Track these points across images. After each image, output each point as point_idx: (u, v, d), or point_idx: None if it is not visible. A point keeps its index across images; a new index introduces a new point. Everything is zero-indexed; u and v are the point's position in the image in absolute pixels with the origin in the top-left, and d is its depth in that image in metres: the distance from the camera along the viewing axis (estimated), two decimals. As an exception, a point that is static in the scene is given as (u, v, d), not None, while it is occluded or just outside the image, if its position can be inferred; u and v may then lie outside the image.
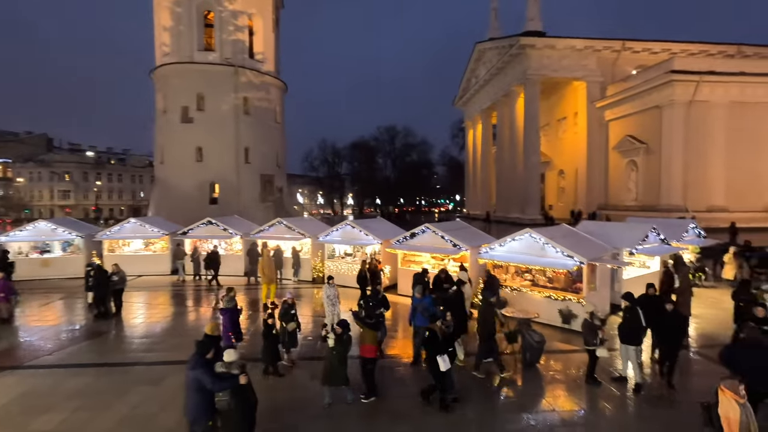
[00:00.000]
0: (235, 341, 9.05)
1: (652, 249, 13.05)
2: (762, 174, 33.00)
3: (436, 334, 7.14)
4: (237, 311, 9.41)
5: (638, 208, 34.00)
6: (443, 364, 6.82)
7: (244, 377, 5.45)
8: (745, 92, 32.43)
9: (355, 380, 7.69)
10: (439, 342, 7.04)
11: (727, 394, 4.66)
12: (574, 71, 40.08)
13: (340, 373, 7.22)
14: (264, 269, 13.65)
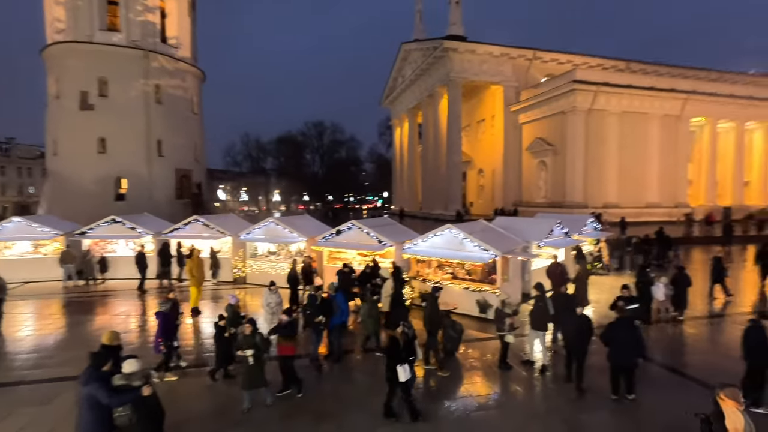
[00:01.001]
0: (165, 349, 8.33)
1: (557, 241, 14.37)
2: (645, 175, 37.89)
3: (396, 341, 6.59)
4: (173, 315, 8.68)
5: (547, 204, 37.19)
6: (403, 374, 6.37)
7: (147, 388, 4.99)
8: (633, 103, 36.91)
9: (276, 381, 7.48)
10: (399, 350, 6.51)
11: (729, 403, 4.34)
12: (493, 76, 42.66)
13: (258, 375, 6.97)
14: (192, 271, 12.65)
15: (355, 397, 7.61)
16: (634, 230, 25.09)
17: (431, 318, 8.60)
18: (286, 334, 7.48)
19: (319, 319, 8.71)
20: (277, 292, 9.98)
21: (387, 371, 6.61)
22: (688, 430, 6.23)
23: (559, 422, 6.68)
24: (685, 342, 10.43)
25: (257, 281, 16.15)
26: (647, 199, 37.54)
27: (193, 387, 8.04)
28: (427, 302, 8.89)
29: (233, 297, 9.15)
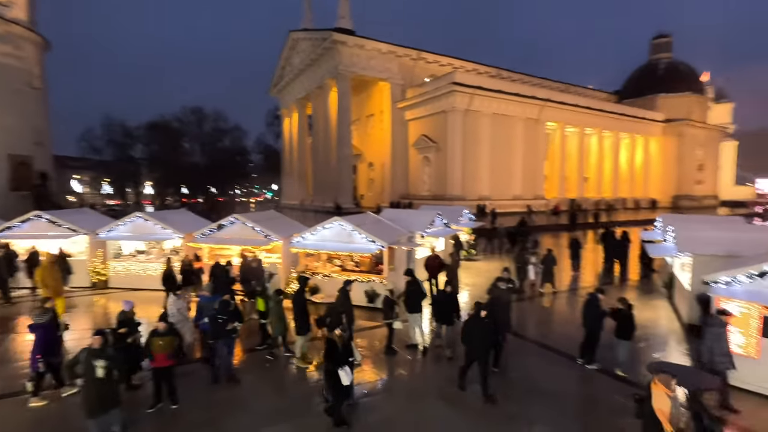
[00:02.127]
0: (45, 366, 7.01)
1: (438, 231, 15.47)
2: (512, 171, 42.85)
3: (334, 343, 6.24)
4: (53, 328, 7.26)
5: (431, 197, 39.77)
6: (346, 378, 6.08)
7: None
8: (502, 106, 41.26)
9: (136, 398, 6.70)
10: (339, 353, 6.18)
11: (659, 388, 4.75)
12: (380, 72, 43.83)
13: (109, 396, 5.73)
14: (45, 279, 10.41)
15: (240, 401, 7.19)
16: (505, 220, 28.37)
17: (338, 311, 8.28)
18: (165, 343, 6.71)
19: (233, 326, 7.77)
20: (183, 297, 8.94)
21: (326, 377, 6.21)
22: (545, 394, 7.32)
23: (437, 398, 7.21)
24: (547, 314, 12.12)
25: (123, 285, 14.23)
26: (513, 192, 42.59)
27: (46, 408, 6.75)
28: (339, 295, 8.70)
29: (127, 303, 7.91)
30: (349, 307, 8.53)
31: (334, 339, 6.29)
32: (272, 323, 8.72)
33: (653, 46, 64.65)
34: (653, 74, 61.53)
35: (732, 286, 7.25)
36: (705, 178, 60.45)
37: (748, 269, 7.11)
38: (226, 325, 7.66)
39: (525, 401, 7.06)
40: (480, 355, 7.02)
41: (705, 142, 60.18)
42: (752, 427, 6.24)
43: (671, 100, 58.53)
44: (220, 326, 7.63)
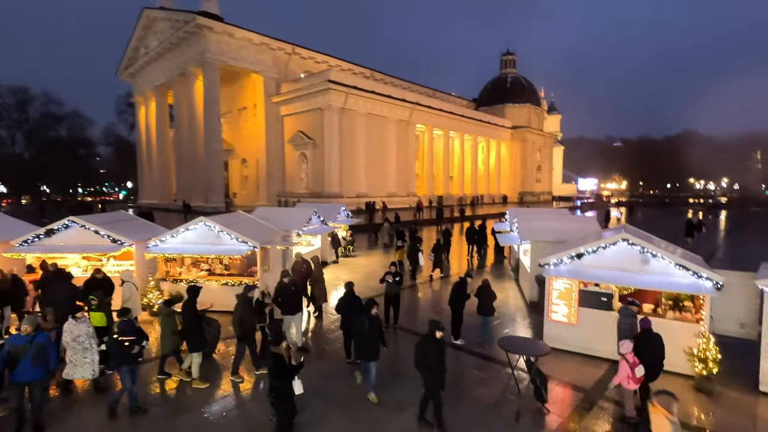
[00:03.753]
0: None
1: (315, 229, 15.35)
2: (386, 169, 44.85)
3: (282, 358, 5.66)
4: None
5: (309, 195, 39.32)
6: (299, 387, 5.70)
7: None
8: (376, 107, 42.79)
9: None
10: (288, 367, 5.64)
11: (659, 410, 4.40)
12: (253, 64, 41.62)
13: None
14: None
15: None
16: (380, 216, 29.50)
17: (242, 321, 7.70)
18: None
19: (140, 348, 6.54)
20: (86, 321, 6.92)
21: (272, 394, 5.65)
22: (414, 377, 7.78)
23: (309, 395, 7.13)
24: (424, 301, 12.93)
25: None
26: (389, 190, 44.66)
27: None
28: (238, 303, 7.88)
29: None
30: (249, 316, 7.87)
31: (280, 353, 5.69)
32: (162, 340, 7.60)
33: (503, 62, 74.31)
34: (503, 86, 70.72)
35: (559, 266, 8.72)
36: (542, 177, 71.84)
37: (569, 252, 8.63)
38: (132, 348, 6.43)
39: (393, 387, 7.43)
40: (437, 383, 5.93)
41: (542, 146, 71.47)
42: (575, 382, 7.60)
43: (516, 110, 68.07)
44: (124, 350, 6.39)
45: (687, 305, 8.04)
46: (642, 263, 7.96)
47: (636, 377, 6.01)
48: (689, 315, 7.85)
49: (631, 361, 6.02)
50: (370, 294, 11.64)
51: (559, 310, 8.70)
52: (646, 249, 7.91)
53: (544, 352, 6.64)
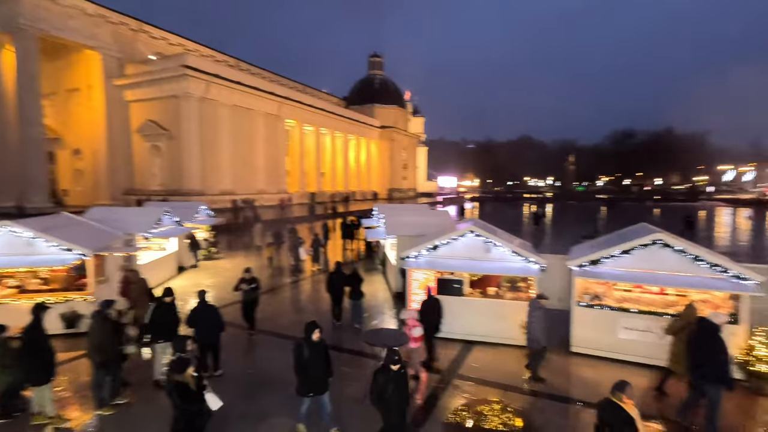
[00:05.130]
0: None
1: (167, 231, 13.64)
2: (255, 165, 42.62)
3: (186, 386, 4.85)
4: None
5: (164, 192, 35.02)
6: (215, 402, 5.07)
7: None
8: (242, 99, 40.27)
9: None
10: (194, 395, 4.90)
11: (630, 403, 4.33)
12: (86, 38, 35.17)
13: None
14: None
15: None
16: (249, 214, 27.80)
17: (102, 346, 6.34)
18: None
19: None
20: None
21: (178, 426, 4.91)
22: (275, 382, 7.43)
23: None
24: (293, 303, 12.46)
25: None
26: (258, 186, 42.48)
27: None
28: (94, 324, 6.42)
29: None
30: (110, 337, 6.52)
31: (184, 381, 4.85)
32: None
33: (370, 63, 76.95)
34: (371, 87, 73.35)
35: (418, 258, 9.32)
36: (408, 175, 76.83)
37: (426, 245, 9.28)
38: None
39: (259, 395, 7.02)
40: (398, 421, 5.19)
41: (407, 146, 76.35)
42: (440, 366, 8.17)
43: (384, 111, 71.34)
44: None
45: (521, 285, 9.35)
46: (486, 252, 8.99)
47: (414, 337, 7.24)
48: (522, 294, 9.14)
49: (410, 325, 7.28)
50: (233, 299, 10.79)
51: (419, 299, 9.29)
52: (489, 239, 8.95)
53: (406, 341, 6.99)
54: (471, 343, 9.01)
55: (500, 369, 8.05)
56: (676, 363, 6.67)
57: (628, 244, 8.04)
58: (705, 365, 5.93)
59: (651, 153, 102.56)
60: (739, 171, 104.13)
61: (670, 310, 7.99)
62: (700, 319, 6.33)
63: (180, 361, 5.01)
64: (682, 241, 8.00)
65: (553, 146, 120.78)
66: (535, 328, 7.39)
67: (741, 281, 7.32)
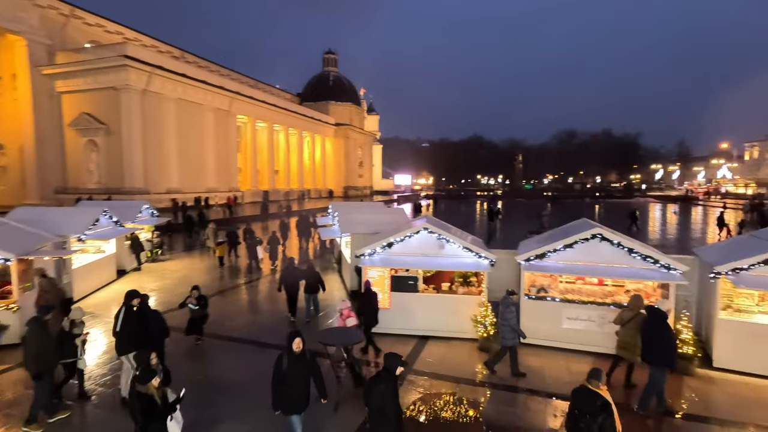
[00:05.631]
0: None
1: (105, 232, 12.74)
2: (204, 162, 40.86)
3: (151, 399, 4.46)
4: None
5: (103, 191, 32.74)
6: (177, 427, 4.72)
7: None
8: (189, 92, 38.44)
9: None
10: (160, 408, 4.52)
11: (604, 390, 4.33)
12: (9, 21, 32.10)
13: None
14: None
15: None
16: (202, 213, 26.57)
17: (41, 354, 5.75)
18: None
19: None
20: None
21: None
22: (228, 387, 7.17)
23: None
24: (248, 305, 12.03)
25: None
26: (208, 184, 40.73)
27: None
28: (31, 332, 5.80)
29: None
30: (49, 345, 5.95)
31: (149, 393, 4.47)
32: None
33: (325, 60, 76.02)
34: (326, 84, 72.52)
35: (373, 256, 9.32)
36: (364, 173, 76.84)
37: (381, 242, 9.31)
38: None
39: (203, 404, 6.73)
40: None
41: (363, 144, 76.28)
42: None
43: (339, 108, 70.79)
44: None
45: (472, 280, 9.62)
46: (439, 248, 9.15)
47: (348, 327, 7.54)
48: (474, 288, 9.40)
49: (344, 315, 7.63)
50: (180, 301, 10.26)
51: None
52: (442, 236, 9.13)
53: (358, 339, 6.97)
54: (426, 338, 9.15)
55: (453, 362, 8.24)
56: (624, 350, 7.10)
57: (571, 239, 8.50)
58: (654, 350, 6.39)
59: (591, 152, 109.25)
60: (667, 170, 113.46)
61: (608, 299, 8.54)
62: (649, 307, 6.82)
63: (144, 371, 4.65)
64: (618, 234, 8.56)
65: (503, 146, 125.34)
66: (509, 325, 7.47)
67: (669, 271, 7.95)
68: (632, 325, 7.00)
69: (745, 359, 7.52)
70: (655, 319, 6.55)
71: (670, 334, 6.45)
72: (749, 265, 7.48)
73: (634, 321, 6.98)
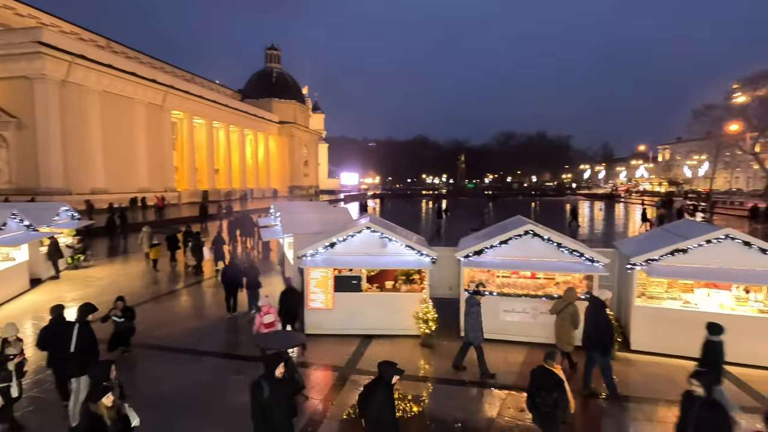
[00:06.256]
0: None
1: (15, 238, 11.45)
2: (135, 160, 38.12)
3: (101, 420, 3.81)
4: None
5: (14, 191, 29.50)
6: None
7: None
8: (116, 85, 35.69)
9: None
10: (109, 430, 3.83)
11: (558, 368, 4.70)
12: None
13: None
14: None
15: None
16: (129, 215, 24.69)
17: None
18: None
19: None
20: None
21: None
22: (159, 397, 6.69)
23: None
24: (184, 311, 11.30)
25: None
26: (139, 184, 38.03)
27: None
28: None
29: None
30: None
31: (98, 412, 3.82)
32: None
33: (267, 56, 73.79)
34: (268, 80, 70.46)
35: (315, 256, 9.18)
36: (309, 172, 75.70)
37: (324, 242, 9.19)
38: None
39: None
40: None
41: (308, 143, 75.11)
42: (332, 362, 8.15)
43: (283, 105, 69.12)
44: None
45: (415, 278, 9.77)
46: (382, 247, 9.21)
47: (265, 324, 7.64)
48: (416, 286, 9.56)
49: (263, 312, 7.70)
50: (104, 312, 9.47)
51: (318, 297, 9.17)
52: (385, 234, 9.19)
53: (300, 341, 6.83)
54: (370, 338, 9.16)
55: (397, 360, 8.21)
56: (558, 339, 7.54)
57: (506, 235, 8.90)
58: (594, 336, 6.83)
59: (527, 153, 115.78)
60: (594, 170, 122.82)
61: (540, 292, 9.06)
62: (590, 297, 7.30)
63: (96, 387, 4.09)
64: (548, 230, 9.11)
65: (447, 146, 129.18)
66: (472, 325, 7.55)
67: (593, 263, 8.59)
68: (564, 315, 7.45)
69: (656, 341, 8.30)
70: (594, 307, 7.04)
71: (608, 322, 6.90)
72: (659, 256, 8.27)
73: (566, 311, 7.43)
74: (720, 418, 3.88)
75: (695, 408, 3.92)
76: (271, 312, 7.85)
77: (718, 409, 3.94)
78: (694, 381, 4.01)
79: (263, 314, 7.71)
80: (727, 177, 73.73)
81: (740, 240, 7.97)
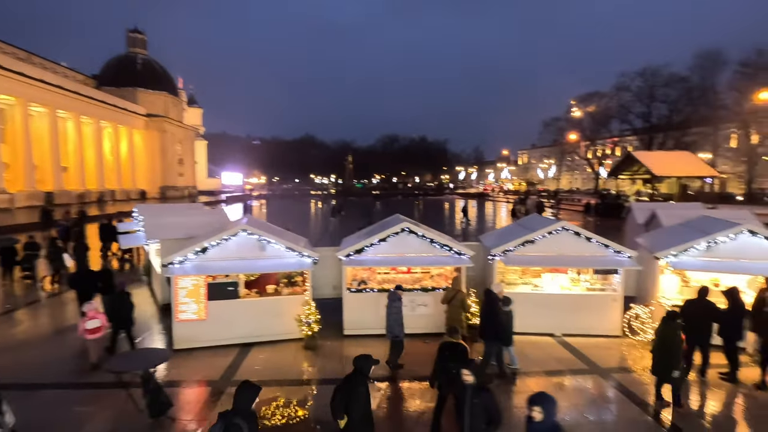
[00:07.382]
0: None
1: None
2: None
3: None
4: None
5: None
6: None
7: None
8: None
9: None
10: None
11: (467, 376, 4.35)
12: None
13: None
14: None
15: None
16: None
17: None
18: None
19: None
20: None
21: None
22: None
23: None
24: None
25: None
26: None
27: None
28: None
29: None
30: None
31: None
32: None
33: (130, 39, 65.06)
34: (132, 67, 62.27)
35: (184, 263, 8.37)
36: (185, 171, 69.07)
37: (194, 247, 8.43)
38: None
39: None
40: None
41: (183, 139, 68.44)
42: (206, 377, 7.51)
43: (150, 96, 61.74)
44: None
45: (297, 280, 9.56)
46: (260, 250, 8.80)
47: (88, 329, 7.41)
48: (299, 288, 9.37)
49: (88, 316, 7.42)
50: None
51: (188, 308, 8.39)
52: (263, 237, 8.80)
53: (161, 359, 6.15)
54: (249, 346, 8.69)
55: (279, 365, 8.06)
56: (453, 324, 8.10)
57: (384, 233, 9.26)
58: (487, 327, 7.46)
59: (410, 155, 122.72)
60: (467, 171, 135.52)
61: (417, 285, 9.63)
62: (486, 290, 7.96)
63: None
64: (422, 227, 9.73)
65: (334, 146, 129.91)
66: (395, 319, 7.65)
67: (460, 256, 9.42)
68: (455, 302, 8.16)
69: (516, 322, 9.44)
70: (489, 299, 7.68)
71: (499, 313, 7.52)
72: (514, 247, 9.44)
73: (456, 299, 8.16)
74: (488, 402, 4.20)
75: (468, 395, 4.18)
76: (98, 317, 7.56)
77: (485, 393, 4.26)
78: (466, 371, 4.27)
79: (87, 319, 7.37)
80: (570, 178, 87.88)
81: (572, 231, 9.52)
